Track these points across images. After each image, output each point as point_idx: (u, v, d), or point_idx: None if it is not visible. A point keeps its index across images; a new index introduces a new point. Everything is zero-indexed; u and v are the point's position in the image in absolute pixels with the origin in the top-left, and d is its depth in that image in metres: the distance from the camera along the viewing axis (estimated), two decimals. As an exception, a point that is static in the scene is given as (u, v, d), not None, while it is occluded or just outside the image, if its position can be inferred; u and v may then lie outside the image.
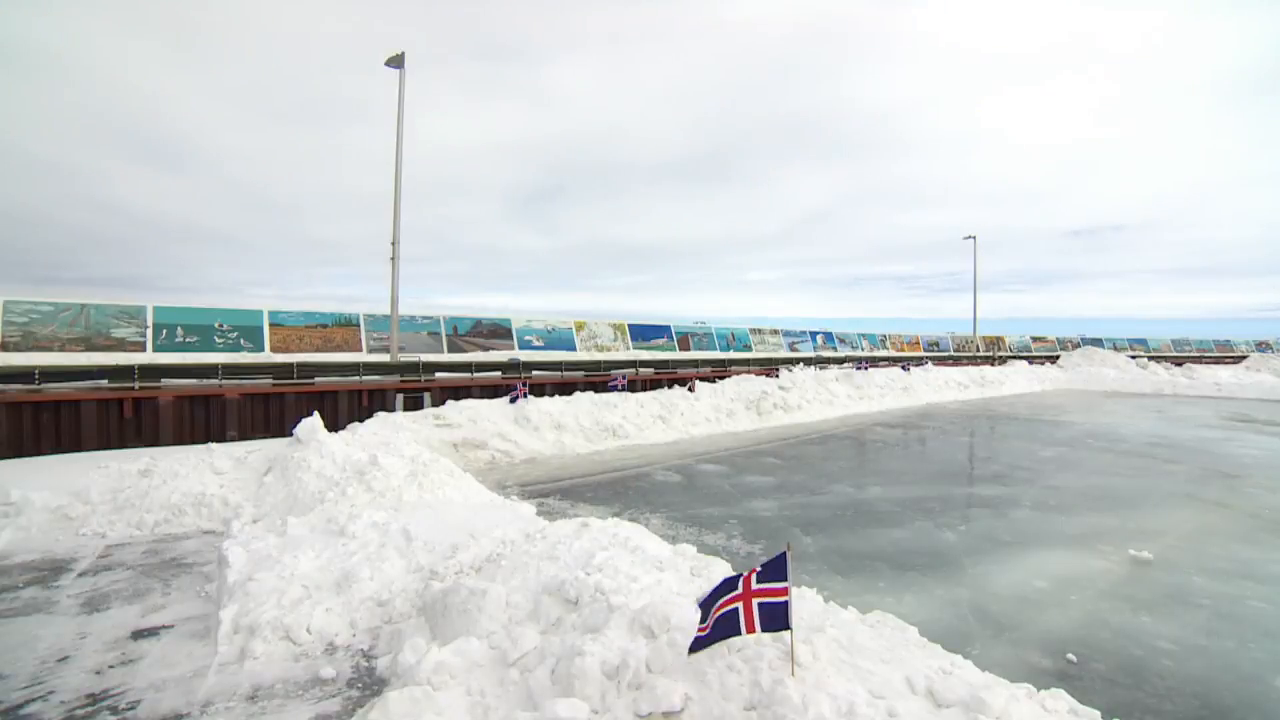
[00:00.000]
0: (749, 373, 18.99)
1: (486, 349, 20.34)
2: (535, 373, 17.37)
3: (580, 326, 23.35)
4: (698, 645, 2.91)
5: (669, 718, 2.68)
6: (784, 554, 2.80)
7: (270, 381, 12.91)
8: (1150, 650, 4.36)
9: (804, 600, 3.87)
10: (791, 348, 27.47)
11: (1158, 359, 34.93)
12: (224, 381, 12.38)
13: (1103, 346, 37.56)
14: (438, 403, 13.60)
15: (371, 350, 17.77)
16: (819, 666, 2.87)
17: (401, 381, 14.46)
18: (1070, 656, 4.25)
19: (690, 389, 15.76)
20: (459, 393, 14.42)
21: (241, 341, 15.96)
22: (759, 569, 2.86)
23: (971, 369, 25.25)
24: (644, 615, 3.24)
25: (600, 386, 15.99)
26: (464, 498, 7.39)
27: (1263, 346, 49.00)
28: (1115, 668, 4.13)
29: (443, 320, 19.86)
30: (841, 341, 29.84)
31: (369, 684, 3.73)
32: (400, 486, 7.21)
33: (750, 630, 2.81)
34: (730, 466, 10.54)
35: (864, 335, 31.62)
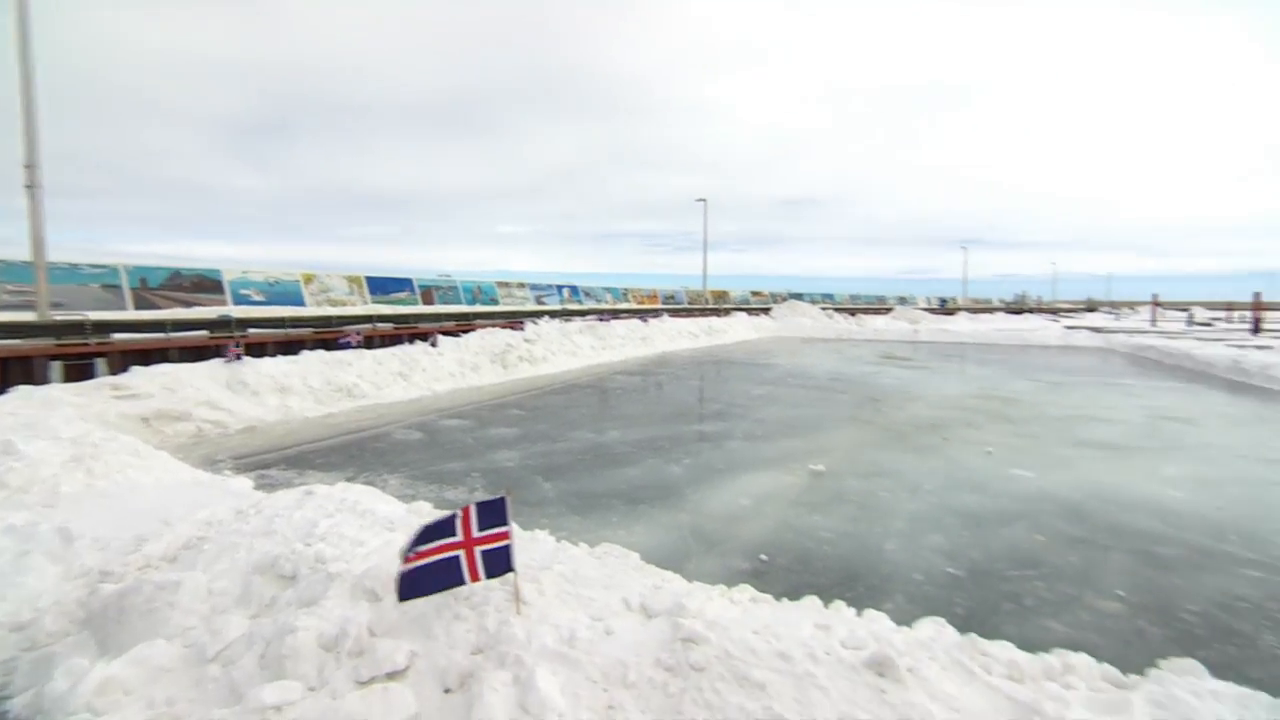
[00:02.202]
0: (495, 326, 18.84)
1: (189, 305, 17.04)
2: (253, 330, 15.11)
3: (309, 279, 20.78)
4: (409, 587, 2.85)
5: (394, 678, 2.65)
6: (503, 499, 2.90)
7: None
8: (817, 541, 5.46)
9: (536, 542, 4.06)
10: (538, 301, 27.83)
11: (840, 310, 42.74)
12: None
13: (803, 300, 44.69)
14: (118, 370, 11.12)
15: (3, 308, 13.69)
16: (544, 602, 3.06)
17: (58, 346, 11.49)
18: (763, 556, 5.13)
19: (433, 344, 15.15)
20: (150, 357, 11.93)
21: None
22: (477, 512, 2.90)
23: (701, 320, 28.28)
24: (367, 579, 3.11)
25: (333, 344, 14.54)
26: (156, 480, 6.22)
27: (903, 300, 62.67)
28: (793, 559, 5.10)
29: (124, 270, 16.08)
30: (587, 295, 31.08)
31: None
32: (56, 476, 5.80)
33: (475, 579, 2.87)
34: (474, 420, 10.47)
35: (608, 289, 33.32)
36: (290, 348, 14.16)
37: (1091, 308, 74.24)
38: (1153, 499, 6.63)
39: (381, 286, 22.78)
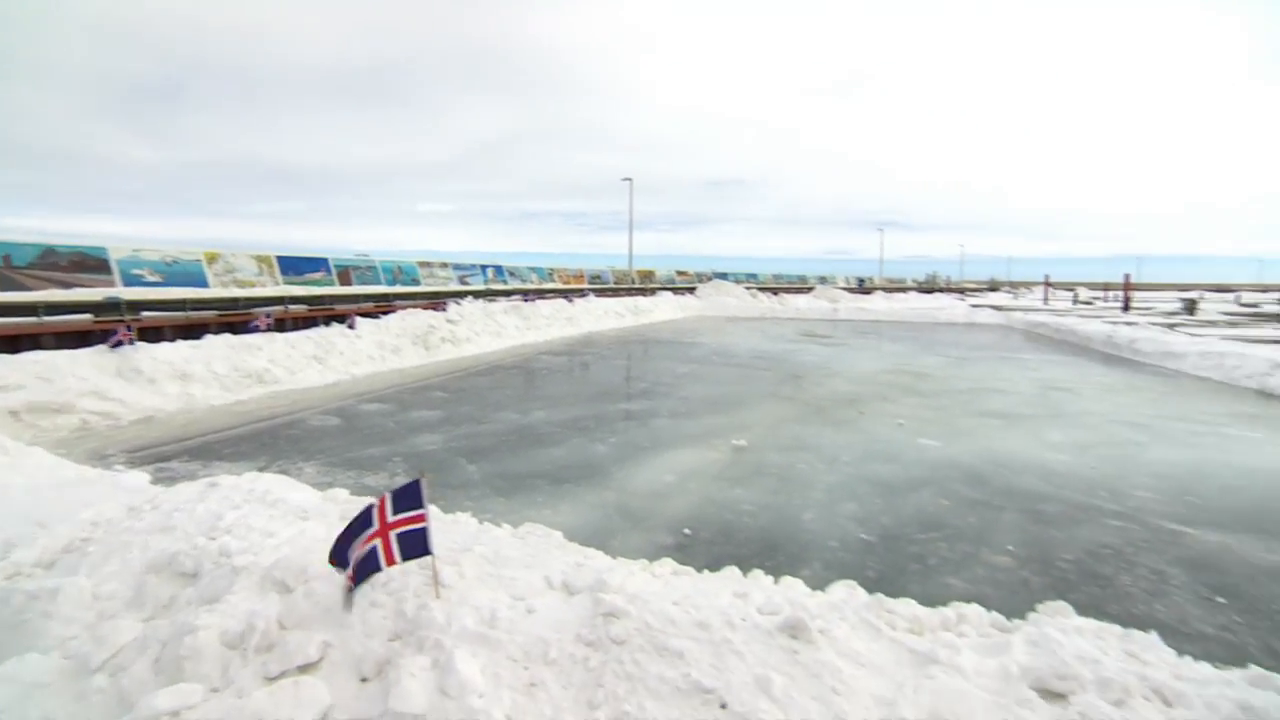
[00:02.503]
0: (417, 307, 18.24)
1: (68, 285, 15.49)
2: (148, 314, 13.97)
3: (213, 259, 19.32)
4: (351, 597, 2.82)
5: (306, 670, 2.55)
6: (417, 481, 2.83)
7: None
8: (738, 514, 5.63)
9: (458, 524, 3.99)
10: (462, 281, 27.03)
11: (764, 289, 43.79)
12: None
13: (728, 279, 45.47)
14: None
15: None
16: (465, 584, 3.02)
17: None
18: (686, 531, 5.24)
19: (350, 326, 14.52)
20: (19, 344, 10.82)
21: None
22: (391, 499, 2.83)
23: (628, 299, 28.33)
24: (277, 570, 2.97)
25: (241, 327, 13.66)
26: (28, 480, 5.69)
27: (824, 280, 64.89)
28: (716, 532, 5.24)
29: (-20, 247, 14.40)
30: (512, 275, 30.46)
31: None
32: (-93, 477, 5.21)
33: (390, 563, 2.80)
34: (396, 404, 10.14)
35: (533, 269, 32.76)
36: (192, 332, 13.20)
37: (994, 287, 79.32)
38: (1040, 462, 7.21)
39: (294, 266, 21.47)
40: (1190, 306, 29.67)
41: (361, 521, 2.83)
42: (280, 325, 14.87)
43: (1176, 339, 16.83)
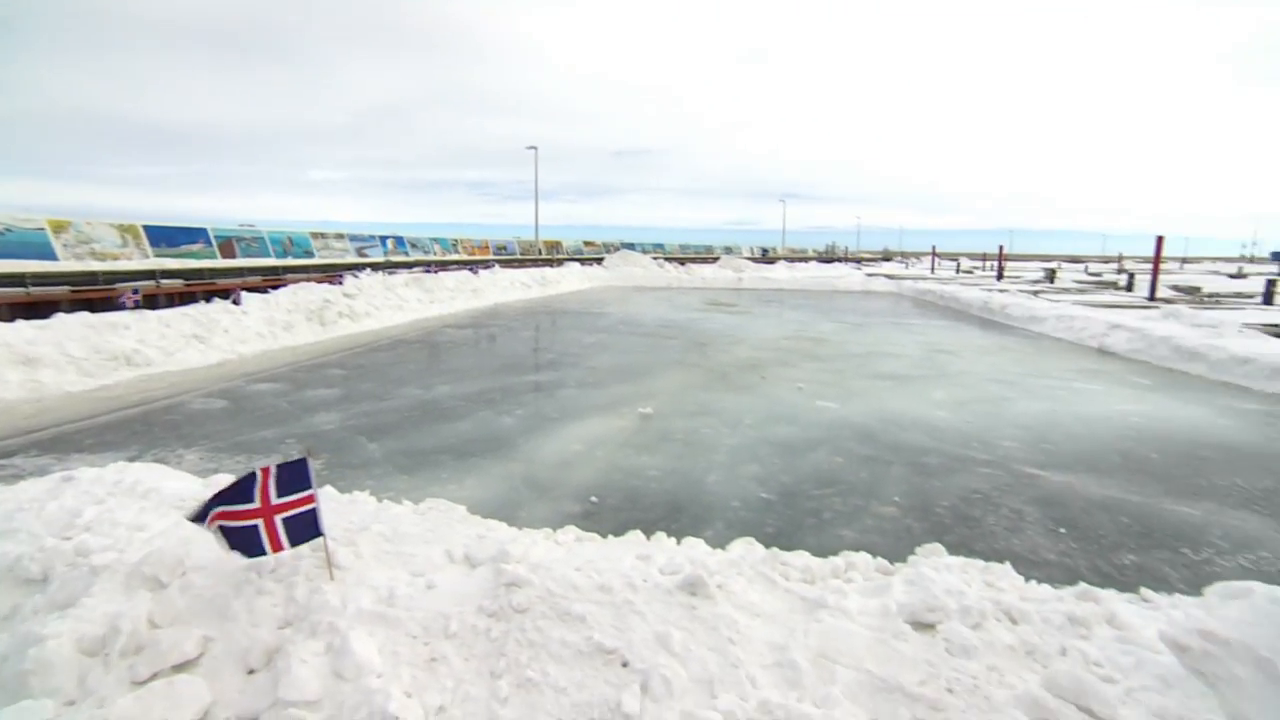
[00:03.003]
0: (311, 280, 17.12)
1: None
2: (-29, 290, 12.29)
3: (60, 227, 17.12)
4: (234, 540, 2.63)
5: (183, 669, 2.38)
6: (304, 460, 2.67)
7: None
8: (644, 480, 5.73)
9: (355, 504, 3.83)
10: (360, 253, 25.50)
11: (670, 259, 44.23)
12: None
13: (635, 250, 45.53)
14: None
15: None
16: (361, 564, 2.91)
17: None
18: (593, 498, 5.28)
19: (235, 301, 13.42)
20: None
21: None
22: (276, 477, 2.66)
23: (534, 270, 27.81)
24: (146, 566, 2.73)
25: (100, 305, 12.29)
26: None
27: (729, 250, 66.39)
28: (623, 498, 5.31)
29: None
30: (413, 246, 29.08)
31: None
32: None
33: (277, 549, 2.64)
34: (290, 383, 9.52)
35: (436, 240, 31.41)
36: (37, 310, 11.73)
37: (888, 257, 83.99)
38: (924, 419, 7.78)
39: (167, 237, 19.40)
40: (1051, 275, 32.70)
41: (239, 492, 2.63)
42: (152, 302, 13.54)
43: (1039, 304, 18.56)
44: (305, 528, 2.69)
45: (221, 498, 2.64)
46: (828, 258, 69.94)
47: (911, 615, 2.76)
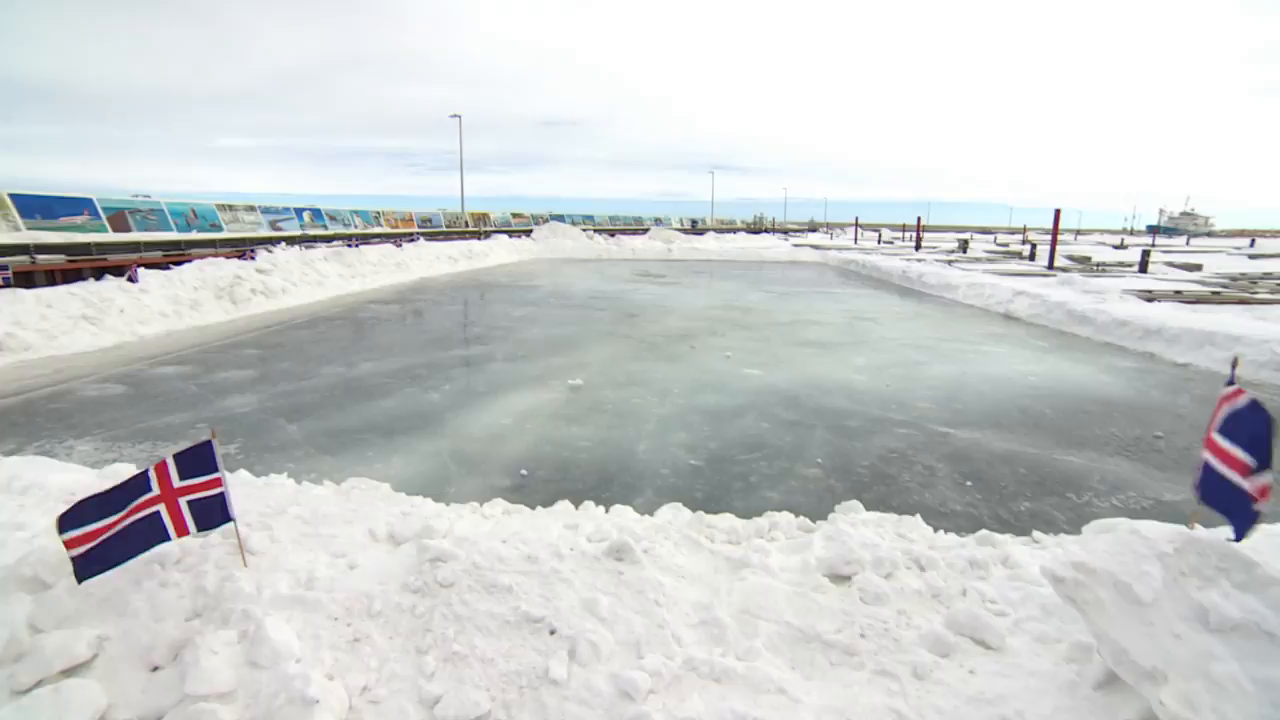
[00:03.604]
0: (219, 256, 16.00)
1: None
2: None
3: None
4: (88, 565, 2.36)
5: (73, 673, 2.23)
6: (208, 442, 2.52)
7: None
8: (575, 450, 5.74)
9: (271, 487, 3.66)
10: (274, 226, 23.93)
11: (600, 231, 43.85)
12: None
13: (564, 221, 44.84)
14: None
15: None
16: (278, 548, 2.79)
17: None
18: (523, 471, 5.24)
19: (132, 279, 12.40)
20: None
21: None
22: (175, 462, 2.49)
23: (461, 243, 27.01)
24: (25, 567, 2.52)
25: (-40, 285, 11.07)
26: None
27: (659, 221, 66.45)
28: (553, 470, 5.30)
29: None
30: (332, 219, 27.54)
31: None
32: None
33: (182, 533, 2.49)
34: (198, 366, 8.93)
35: (356, 212, 29.86)
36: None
37: (813, 228, 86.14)
38: (846, 383, 8.11)
39: (43, 208, 17.50)
40: (964, 246, 34.49)
41: (132, 487, 2.45)
42: (26, 279, 12.31)
43: (953, 273, 19.56)
44: (213, 513, 2.55)
45: (98, 508, 2.36)
46: (756, 229, 71.13)
47: (830, 569, 2.90)
